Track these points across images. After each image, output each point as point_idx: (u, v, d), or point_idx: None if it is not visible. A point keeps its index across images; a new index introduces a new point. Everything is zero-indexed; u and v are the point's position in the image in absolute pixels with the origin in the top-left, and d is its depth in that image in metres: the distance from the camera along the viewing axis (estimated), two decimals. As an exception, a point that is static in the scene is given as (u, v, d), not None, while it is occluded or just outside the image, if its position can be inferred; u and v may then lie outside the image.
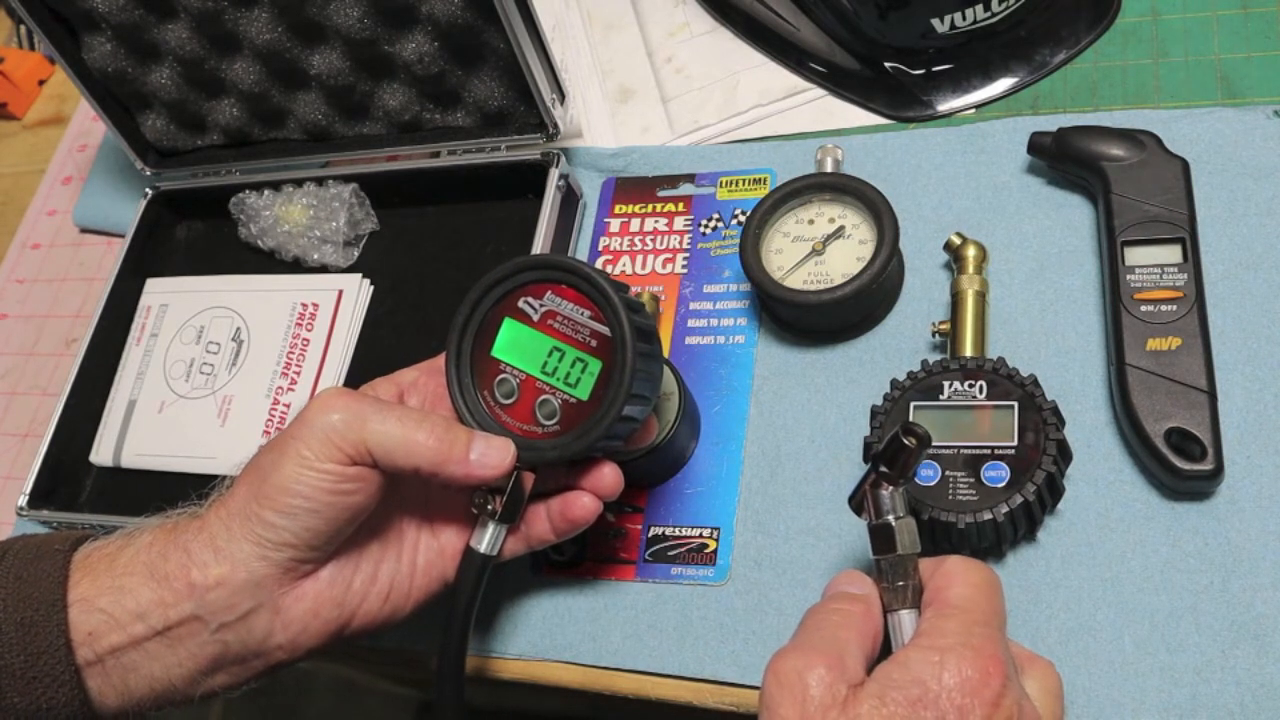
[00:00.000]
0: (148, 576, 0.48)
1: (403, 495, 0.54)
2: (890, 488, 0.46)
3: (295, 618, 0.50)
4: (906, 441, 0.45)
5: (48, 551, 0.49)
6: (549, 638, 0.60)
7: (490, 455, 0.50)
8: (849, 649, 0.42)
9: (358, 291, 0.75)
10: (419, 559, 0.54)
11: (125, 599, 0.48)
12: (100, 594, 0.48)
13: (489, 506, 0.51)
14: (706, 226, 0.71)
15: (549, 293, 0.52)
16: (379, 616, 0.53)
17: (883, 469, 0.46)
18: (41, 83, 1.05)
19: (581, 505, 0.53)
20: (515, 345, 0.52)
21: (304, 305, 0.74)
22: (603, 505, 0.53)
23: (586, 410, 0.51)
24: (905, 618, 0.45)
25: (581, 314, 0.51)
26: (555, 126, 0.71)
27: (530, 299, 0.52)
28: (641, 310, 0.52)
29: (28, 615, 0.47)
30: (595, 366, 0.51)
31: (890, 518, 0.46)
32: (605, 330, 0.50)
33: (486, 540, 0.52)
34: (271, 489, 0.48)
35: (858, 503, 0.47)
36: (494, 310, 0.53)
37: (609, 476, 0.53)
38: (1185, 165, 0.59)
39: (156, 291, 0.79)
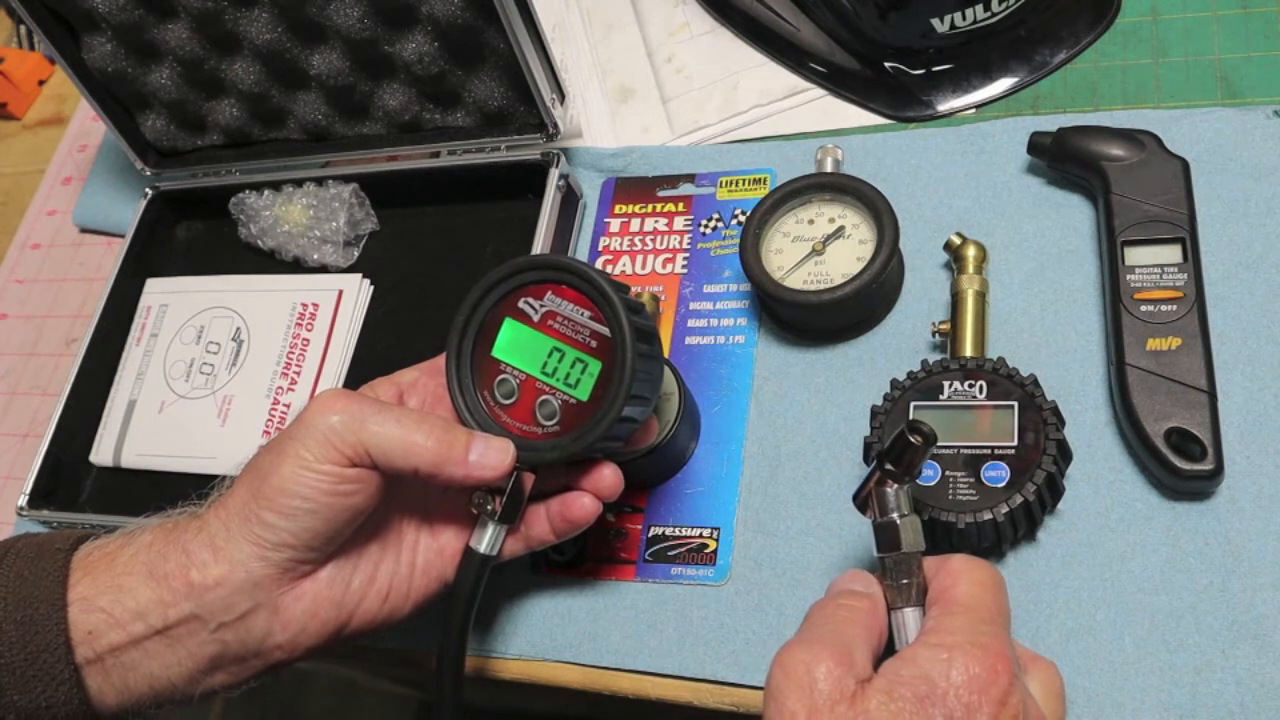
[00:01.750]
0: (147, 576, 0.48)
1: (402, 496, 0.54)
2: (895, 486, 0.46)
3: (294, 618, 0.50)
4: (912, 439, 0.45)
5: (48, 551, 0.49)
6: (549, 638, 0.60)
7: (490, 456, 0.50)
8: (856, 645, 0.42)
9: (358, 291, 0.75)
10: (418, 559, 0.54)
11: (125, 598, 0.48)
12: (100, 593, 0.48)
13: (489, 507, 0.51)
14: (706, 226, 0.71)
15: (549, 293, 0.52)
16: (378, 616, 0.53)
17: (888, 467, 0.46)
18: (41, 83, 1.05)
19: (581, 506, 0.52)
20: (515, 345, 0.52)
21: (304, 305, 0.74)
22: (602, 506, 0.53)
23: (586, 411, 0.51)
24: (909, 615, 0.45)
25: (582, 314, 0.51)
26: (555, 126, 0.71)
27: (530, 299, 0.52)
28: (641, 311, 0.52)
29: (28, 614, 0.47)
30: (595, 367, 0.51)
31: (895, 516, 0.46)
32: (605, 331, 0.50)
33: (486, 540, 0.52)
34: (270, 490, 0.48)
35: (862, 500, 0.47)
36: (494, 310, 0.53)
37: (609, 478, 0.53)
38: (1185, 165, 0.59)
39: (156, 291, 0.79)
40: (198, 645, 0.49)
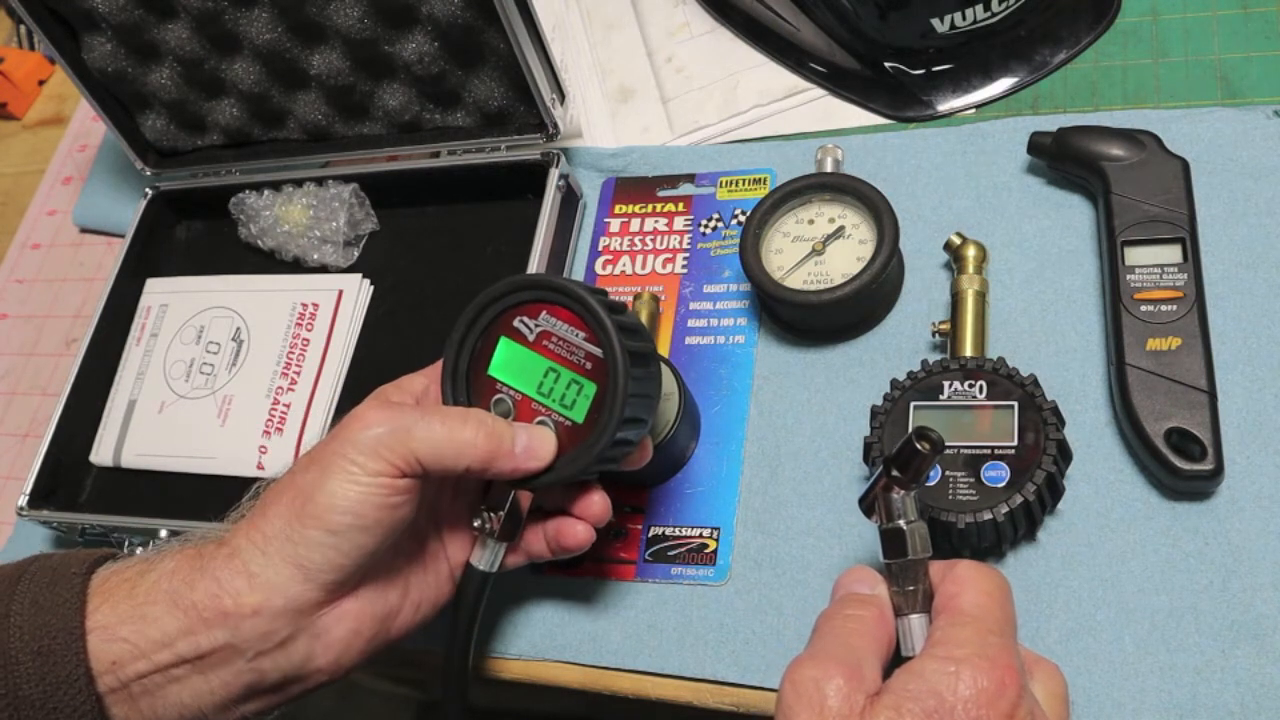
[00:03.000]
0: (171, 605, 0.46)
1: (422, 505, 0.53)
2: (902, 491, 0.46)
3: (338, 638, 0.49)
4: (920, 446, 0.44)
5: (64, 575, 0.48)
6: (549, 638, 0.60)
7: (535, 447, 0.50)
8: (866, 657, 0.42)
9: (358, 291, 0.75)
10: (440, 566, 0.54)
11: (149, 628, 0.46)
12: (121, 622, 0.46)
13: (488, 526, 0.51)
14: (706, 226, 0.71)
15: (544, 313, 0.51)
16: (411, 624, 0.53)
17: (895, 473, 0.45)
18: (41, 83, 1.05)
19: (574, 533, 0.53)
20: (511, 365, 0.52)
21: (304, 305, 0.74)
22: (595, 533, 0.53)
23: (582, 433, 0.50)
24: (915, 622, 0.44)
25: (576, 335, 0.50)
26: (555, 126, 0.71)
27: (525, 318, 0.51)
28: (638, 332, 0.51)
29: (45, 644, 0.45)
30: (590, 389, 0.50)
31: (901, 522, 0.45)
32: (599, 353, 0.50)
33: (486, 558, 0.52)
34: (317, 507, 0.46)
35: (869, 505, 0.47)
36: (490, 328, 0.52)
37: (598, 504, 0.53)
38: (1185, 165, 0.59)
39: (156, 291, 0.79)
40: (232, 675, 0.47)
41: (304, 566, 0.47)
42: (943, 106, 0.69)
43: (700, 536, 0.61)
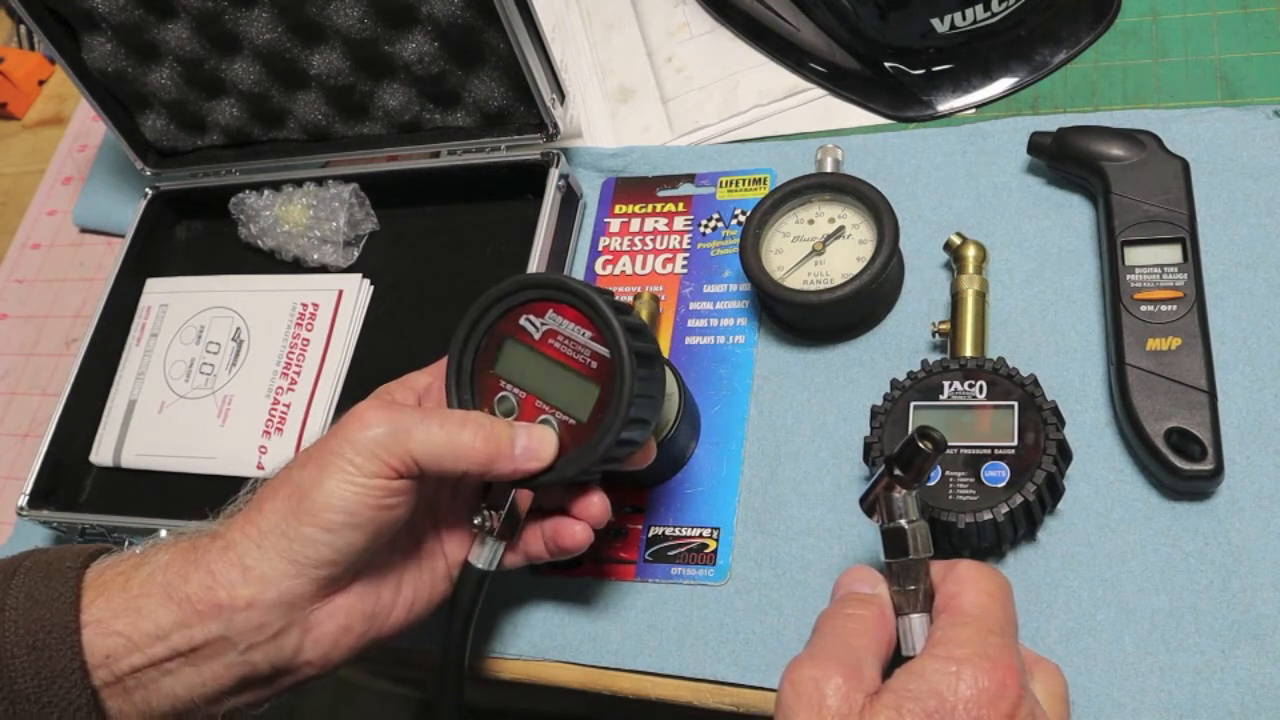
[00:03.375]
0: (165, 598, 0.47)
1: (419, 503, 0.53)
2: (903, 491, 0.46)
3: (327, 633, 0.49)
4: (922, 446, 0.44)
5: (59, 569, 0.48)
6: (549, 638, 0.60)
7: (535, 447, 0.50)
8: (865, 657, 0.42)
9: (358, 291, 0.75)
10: (436, 565, 0.54)
11: (143, 621, 0.46)
12: (116, 616, 0.46)
13: (486, 524, 0.51)
14: (706, 226, 0.71)
15: (550, 311, 0.51)
16: (404, 622, 0.53)
17: (897, 472, 0.45)
18: (41, 83, 1.05)
19: (572, 534, 0.53)
20: (516, 363, 0.52)
21: (304, 305, 0.74)
22: (594, 535, 0.53)
23: (585, 433, 0.50)
24: (916, 622, 0.44)
25: (582, 334, 0.50)
26: (555, 126, 0.71)
27: (532, 317, 0.52)
28: (643, 333, 0.51)
29: (40, 638, 0.45)
30: (594, 389, 0.50)
31: (903, 521, 0.45)
32: (605, 352, 0.50)
33: (484, 556, 0.52)
34: (313, 505, 0.47)
35: (870, 505, 0.47)
36: (496, 326, 0.52)
37: (597, 505, 0.53)
38: (1185, 165, 0.59)
39: (156, 291, 0.79)
40: (224, 667, 0.47)
41: (298, 562, 0.47)
42: (943, 106, 0.69)
43: (700, 536, 0.61)
